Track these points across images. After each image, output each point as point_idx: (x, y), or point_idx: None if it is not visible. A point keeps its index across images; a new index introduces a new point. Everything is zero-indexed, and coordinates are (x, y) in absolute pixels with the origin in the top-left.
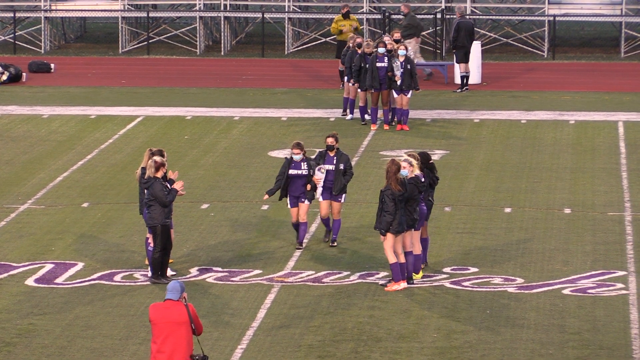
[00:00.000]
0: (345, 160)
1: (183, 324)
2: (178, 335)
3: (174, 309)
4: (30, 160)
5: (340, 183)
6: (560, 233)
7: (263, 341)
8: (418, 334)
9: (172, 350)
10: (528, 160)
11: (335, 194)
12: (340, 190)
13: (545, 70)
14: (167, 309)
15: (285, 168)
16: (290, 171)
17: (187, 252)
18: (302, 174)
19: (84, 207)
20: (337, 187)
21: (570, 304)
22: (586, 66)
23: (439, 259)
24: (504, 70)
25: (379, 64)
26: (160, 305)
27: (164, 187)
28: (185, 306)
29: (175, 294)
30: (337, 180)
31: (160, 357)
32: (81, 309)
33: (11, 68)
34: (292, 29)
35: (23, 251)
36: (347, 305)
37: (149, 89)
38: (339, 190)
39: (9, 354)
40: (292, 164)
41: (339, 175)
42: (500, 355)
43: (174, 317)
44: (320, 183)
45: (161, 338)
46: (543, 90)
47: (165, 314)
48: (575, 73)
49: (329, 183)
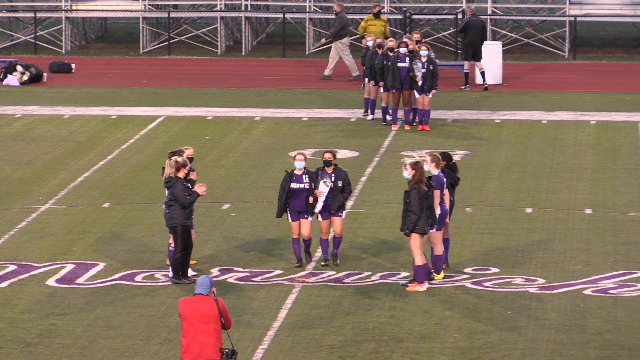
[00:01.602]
0: (344, 176)
1: (212, 318)
2: (207, 329)
3: (204, 303)
4: (51, 160)
5: (338, 200)
6: (581, 233)
7: (284, 341)
8: (439, 334)
9: (202, 344)
10: (549, 160)
11: (333, 211)
12: (339, 208)
13: (566, 70)
14: (196, 303)
15: (286, 182)
16: (291, 185)
17: (208, 253)
18: (304, 187)
19: (105, 208)
20: (335, 205)
21: (592, 305)
22: (607, 66)
23: (460, 259)
24: (525, 71)
25: (400, 64)
26: (190, 299)
27: (186, 188)
28: (214, 300)
29: (205, 289)
30: (335, 197)
31: (190, 351)
32: (102, 309)
33: (32, 68)
34: (313, 29)
35: (44, 251)
36: (368, 306)
37: (170, 89)
38: (338, 207)
39: (30, 354)
40: (293, 178)
41: (337, 192)
42: (522, 355)
43: (204, 311)
44: (322, 197)
45: (191, 332)
46: (564, 90)
47: (195, 308)
48: (596, 73)
49: (327, 200)
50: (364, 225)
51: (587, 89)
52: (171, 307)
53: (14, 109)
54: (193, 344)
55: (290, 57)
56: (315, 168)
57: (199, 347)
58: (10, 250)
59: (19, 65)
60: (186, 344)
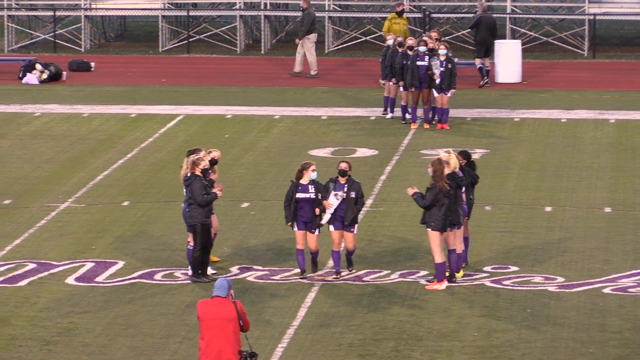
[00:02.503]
0: (357, 188)
1: (231, 320)
2: (226, 331)
3: (222, 306)
4: (70, 159)
5: (352, 213)
6: (601, 232)
7: (304, 340)
8: (459, 333)
9: (221, 346)
10: (568, 159)
11: (347, 224)
12: (352, 221)
13: (586, 69)
14: (215, 305)
15: (292, 192)
16: (297, 195)
17: (228, 251)
18: (309, 197)
19: (125, 206)
20: (348, 218)
21: (611, 303)
22: (626, 65)
23: (479, 257)
24: (544, 69)
25: (419, 63)
26: (208, 302)
27: (204, 186)
28: (233, 303)
29: (223, 291)
30: (348, 209)
31: (208, 353)
32: (122, 307)
33: (51, 67)
34: (333, 27)
35: (63, 250)
36: (387, 304)
37: (189, 88)
38: (351, 220)
39: (49, 352)
40: (299, 188)
41: (351, 204)
42: (541, 354)
43: (222, 314)
44: (331, 209)
45: (209, 334)
46: (583, 89)
47: (213, 310)
48: (615, 72)
49: (339, 212)
50: (384, 224)
51: (606, 88)
52: (190, 305)
53: (33, 107)
54: (211, 347)
55: None
56: (330, 169)
57: (218, 350)
58: (29, 249)
59: (38, 63)
60: (204, 346)
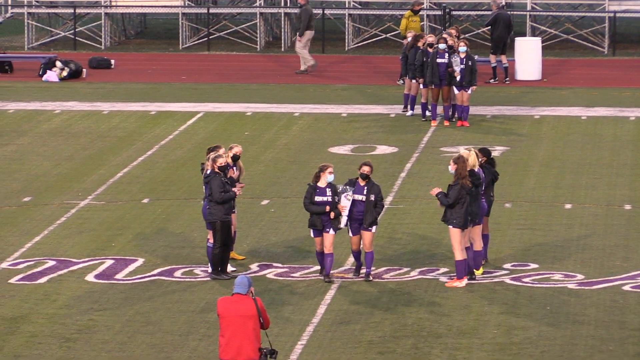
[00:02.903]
0: (377, 191)
1: (251, 317)
2: (246, 328)
3: (242, 303)
4: (90, 156)
5: (371, 216)
6: (621, 229)
7: (323, 337)
8: (478, 330)
9: (241, 343)
10: (588, 156)
11: (365, 226)
12: (371, 223)
13: (606, 66)
14: (235, 302)
15: (311, 195)
16: (316, 198)
17: (248, 249)
18: (327, 200)
19: (144, 203)
20: (367, 220)
21: (631, 300)
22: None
23: (499, 255)
24: (564, 67)
25: (439, 60)
26: (229, 299)
27: (223, 184)
28: (253, 300)
29: (243, 288)
30: (367, 212)
31: (228, 350)
32: (141, 304)
33: (71, 64)
34: (353, 25)
35: (83, 247)
36: (407, 302)
37: (209, 85)
38: (370, 223)
39: (69, 349)
40: (317, 190)
41: (370, 207)
42: (561, 351)
43: (243, 311)
44: (345, 211)
45: (230, 331)
46: (603, 86)
47: (234, 307)
48: (635, 69)
49: (358, 214)
50: (403, 221)
51: (626, 85)
52: (210, 302)
53: (53, 104)
54: (231, 344)
55: (329, 53)
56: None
57: (238, 347)
58: (49, 246)
59: (58, 61)
60: (224, 343)
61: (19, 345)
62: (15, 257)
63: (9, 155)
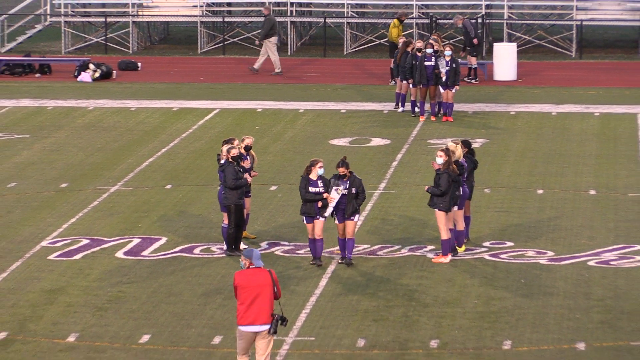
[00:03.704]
0: (358, 184)
1: (267, 286)
2: (263, 296)
3: (260, 274)
4: (119, 147)
5: (352, 206)
6: (586, 212)
7: (324, 307)
8: (461, 300)
9: (259, 310)
10: (558, 147)
11: (347, 216)
12: (353, 213)
13: (573, 68)
14: (253, 274)
15: (305, 185)
16: (310, 189)
17: (258, 229)
18: (318, 191)
19: (167, 189)
20: (349, 210)
21: (595, 275)
22: (609, 65)
23: (479, 234)
24: (537, 69)
25: (426, 63)
26: (247, 271)
27: (236, 172)
28: (268, 271)
29: (259, 261)
30: (348, 204)
31: (246, 317)
32: (164, 278)
33: (103, 66)
34: (350, 32)
35: (113, 227)
36: (398, 275)
37: (224, 85)
38: (351, 213)
39: (101, 317)
40: (310, 182)
41: (352, 198)
42: (533, 319)
43: (260, 281)
44: (333, 203)
45: (249, 300)
46: (571, 86)
47: (252, 278)
48: (599, 71)
49: (343, 205)
50: (395, 205)
51: (591, 85)
52: (225, 276)
53: (87, 102)
54: (250, 310)
55: (330, 57)
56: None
57: (255, 314)
58: (83, 227)
59: (91, 63)
60: (244, 310)
61: (57, 314)
62: (54, 236)
63: (48, 147)
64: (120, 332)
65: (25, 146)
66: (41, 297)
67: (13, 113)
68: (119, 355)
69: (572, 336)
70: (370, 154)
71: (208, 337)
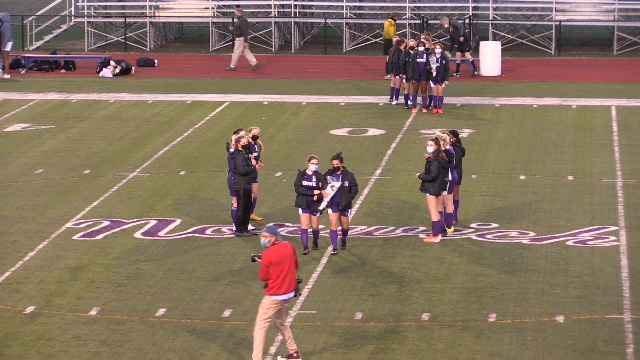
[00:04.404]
0: (350, 178)
1: (293, 256)
2: (291, 266)
3: (285, 247)
4: (137, 137)
5: (345, 199)
6: (565, 196)
7: (325, 282)
8: (450, 277)
9: (290, 280)
10: (538, 137)
11: (341, 208)
12: (346, 206)
13: (553, 65)
14: (281, 248)
15: (300, 179)
16: (303, 182)
17: (265, 211)
18: (312, 185)
19: (182, 175)
20: (342, 203)
21: (573, 253)
22: (586, 62)
23: (467, 216)
24: (520, 65)
25: (418, 60)
26: (273, 248)
27: (246, 159)
28: (290, 243)
29: (280, 236)
30: (342, 196)
31: (282, 287)
32: (179, 257)
33: (122, 63)
34: (349, 31)
35: (132, 210)
36: (392, 254)
37: (234, 80)
38: (345, 205)
39: (121, 292)
40: (304, 176)
41: (345, 192)
42: (516, 294)
43: (288, 253)
44: (327, 198)
45: (283, 272)
46: (551, 81)
47: (282, 252)
48: (576, 67)
49: (336, 198)
50: (389, 189)
51: (569, 80)
52: (235, 255)
53: (108, 95)
54: (285, 280)
55: (330, 54)
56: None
57: (288, 284)
58: (104, 209)
59: (112, 60)
60: (280, 282)
61: (81, 289)
62: (77, 218)
63: (72, 137)
64: (138, 306)
65: (51, 136)
66: (66, 274)
67: (40, 106)
68: (137, 327)
69: (552, 310)
70: (367, 143)
71: (219, 310)
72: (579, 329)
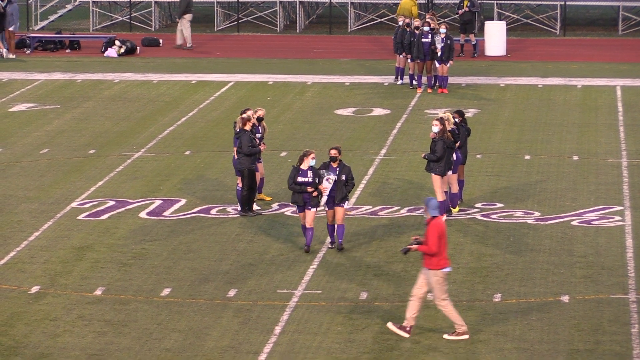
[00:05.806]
0: (347, 171)
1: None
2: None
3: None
4: (142, 117)
5: (342, 193)
6: (570, 176)
7: (330, 262)
8: (455, 257)
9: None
10: (543, 117)
11: (337, 202)
12: (342, 199)
13: (558, 45)
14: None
15: (294, 175)
16: (298, 179)
17: (270, 191)
18: (308, 181)
19: (186, 155)
20: (338, 197)
21: (578, 233)
22: (591, 41)
23: (471, 196)
24: (525, 45)
25: (423, 40)
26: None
27: (251, 139)
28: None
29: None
30: (339, 190)
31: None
32: (184, 236)
33: (128, 43)
34: (354, 11)
35: (137, 190)
36: (397, 234)
37: (239, 60)
38: (341, 199)
39: (126, 272)
40: (299, 172)
41: (341, 185)
42: (521, 274)
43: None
44: (326, 192)
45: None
46: (556, 60)
47: (444, 225)
48: (582, 47)
49: (332, 192)
50: (395, 169)
51: (574, 60)
52: (239, 234)
53: (113, 75)
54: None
55: (335, 34)
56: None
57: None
58: (109, 189)
59: (117, 40)
60: (445, 256)
61: (86, 269)
62: (82, 198)
63: (77, 116)
64: (143, 286)
65: (56, 116)
66: (71, 254)
67: (45, 85)
68: (142, 307)
69: (557, 289)
70: (372, 122)
71: (223, 290)
72: (584, 309)
